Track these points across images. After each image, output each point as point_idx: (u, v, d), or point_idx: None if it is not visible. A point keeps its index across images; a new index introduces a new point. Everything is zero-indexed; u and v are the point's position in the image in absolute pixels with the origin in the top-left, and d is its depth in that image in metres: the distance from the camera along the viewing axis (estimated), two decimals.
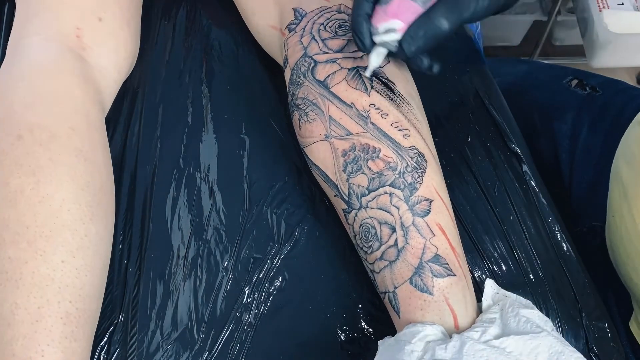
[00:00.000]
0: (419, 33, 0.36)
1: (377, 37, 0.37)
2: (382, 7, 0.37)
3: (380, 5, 0.37)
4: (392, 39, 0.37)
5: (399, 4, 0.36)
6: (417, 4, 0.36)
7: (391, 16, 0.36)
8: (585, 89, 0.65)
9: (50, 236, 0.36)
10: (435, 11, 0.36)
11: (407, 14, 0.36)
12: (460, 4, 0.35)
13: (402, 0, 0.36)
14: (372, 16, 0.37)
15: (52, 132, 0.39)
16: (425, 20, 0.36)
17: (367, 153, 0.39)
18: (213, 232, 0.46)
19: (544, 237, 0.47)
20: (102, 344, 0.41)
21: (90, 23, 0.46)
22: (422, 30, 0.36)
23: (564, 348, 0.33)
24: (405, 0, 0.36)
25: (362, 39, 0.38)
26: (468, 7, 0.35)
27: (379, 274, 0.39)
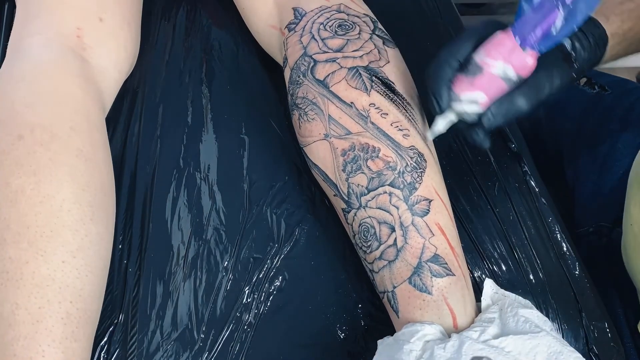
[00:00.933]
0: (500, 111, 0.37)
1: (458, 104, 0.38)
2: (469, 77, 0.38)
3: (467, 76, 0.38)
4: (473, 111, 0.38)
5: (488, 79, 0.37)
6: (504, 82, 0.37)
7: (477, 88, 0.37)
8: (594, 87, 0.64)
9: (51, 236, 0.36)
10: (518, 92, 0.37)
11: (492, 89, 0.37)
12: (539, 86, 0.38)
13: (492, 75, 0.37)
14: (454, 83, 0.38)
15: (53, 132, 0.39)
16: (508, 100, 0.37)
17: (367, 152, 0.39)
18: (213, 232, 0.46)
19: (543, 237, 0.47)
20: (102, 344, 0.41)
21: (91, 23, 0.46)
22: (504, 109, 0.37)
23: (563, 348, 0.33)
24: (494, 76, 0.37)
25: (440, 102, 0.38)
26: (544, 88, 0.38)
27: (378, 274, 0.39)
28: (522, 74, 0.37)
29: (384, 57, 0.43)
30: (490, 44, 0.38)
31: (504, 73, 0.37)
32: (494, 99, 0.38)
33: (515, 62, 0.37)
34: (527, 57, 0.37)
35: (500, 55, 0.37)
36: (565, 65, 0.39)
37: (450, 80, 0.38)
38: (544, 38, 0.36)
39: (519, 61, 0.37)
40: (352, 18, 0.44)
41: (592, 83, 0.65)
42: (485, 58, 0.37)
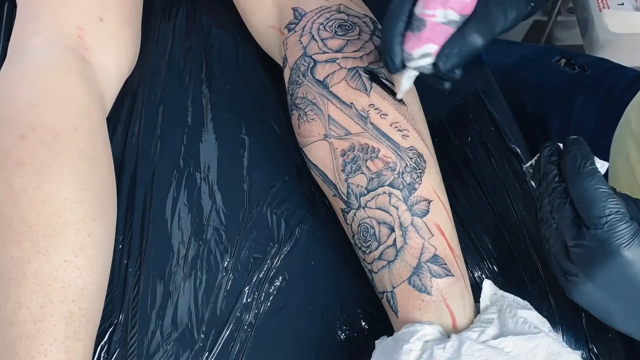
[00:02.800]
0: (453, 51, 0.36)
1: (412, 62, 0.38)
2: (415, 33, 0.37)
3: (413, 32, 0.37)
4: (427, 63, 0.37)
5: (432, 29, 0.36)
6: (450, 26, 0.37)
7: (425, 41, 0.37)
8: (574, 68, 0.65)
9: (53, 236, 0.37)
10: (468, 29, 0.36)
11: (441, 37, 0.37)
12: (492, 20, 0.36)
13: (435, 24, 0.36)
14: (404, 42, 0.38)
15: (55, 131, 0.39)
16: (459, 38, 0.36)
17: (366, 153, 0.40)
18: (213, 232, 0.46)
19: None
20: (102, 344, 0.41)
21: (92, 23, 0.47)
22: (457, 48, 0.36)
23: (562, 349, 0.33)
24: (438, 25, 0.36)
25: (394, 59, 0.38)
26: (498, 21, 0.36)
27: (377, 274, 0.39)
28: (465, 12, 0.36)
29: None
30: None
31: (446, 18, 0.36)
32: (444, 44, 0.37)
33: (454, 4, 0.36)
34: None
35: (438, 2, 0.36)
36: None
37: (401, 35, 0.37)
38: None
39: (458, 2, 0.36)
40: (352, 18, 0.44)
41: (572, 64, 0.65)
42: (424, 10, 0.36)
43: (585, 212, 0.34)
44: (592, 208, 0.33)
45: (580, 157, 0.35)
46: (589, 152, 0.36)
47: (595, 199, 0.33)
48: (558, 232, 0.36)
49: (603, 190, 0.34)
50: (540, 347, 0.33)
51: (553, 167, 0.37)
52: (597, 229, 0.33)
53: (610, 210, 0.33)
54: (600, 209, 0.33)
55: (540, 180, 0.38)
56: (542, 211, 0.37)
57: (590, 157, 0.35)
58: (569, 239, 0.35)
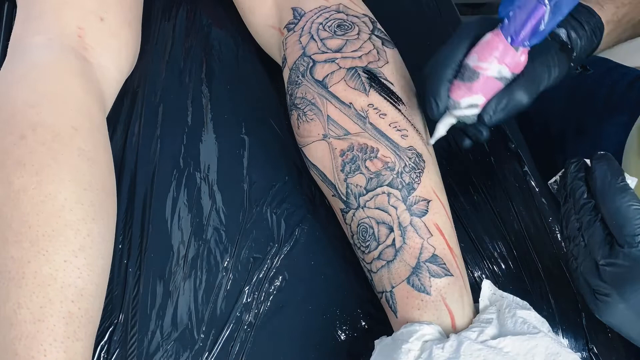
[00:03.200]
0: (499, 107, 0.37)
1: (458, 110, 0.38)
2: (466, 83, 0.38)
3: (463, 82, 0.38)
4: (473, 114, 0.38)
5: (484, 82, 0.37)
6: (501, 82, 0.38)
7: (475, 93, 0.38)
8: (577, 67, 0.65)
9: (52, 236, 0.37)
10: (516, 87, 0.37)
11: (490, 91, 0.38)
12: (537, 78, 0.38)
13: (488, 78, 0.37)
14: (451, 90, 0.38)
15: (55, 131, 0.39)
16: (507, 95, 0.37)
17: (365, 153, 0.40)
18: (213, 232, 0.46)
19: (543, 237, 0.47)
20: (102, 343, 0.41)
21: (92, 23, 0.47)
22: (504, 104, 0.37)
23: (561, 349, 0.33)
24: (490, 78, 0.37)
25: (439, 104, 0.38)
26: (542, 79, 0.38)
27: (376, 274, 0.39)
28: (516, 71, 0.38)
29: (383, 58, 0.43)
30: (481, 47, 0.38)
31: (499, 73, 0.37)
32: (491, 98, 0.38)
33: (509, 62, 0.37)
34: (520, 55, 0.37)
35: (494, 57, 0.37)
36: (562, 54, 0.39)
37: (449, 82, 0.38)
38: (533, 34, 0.36)
39: (512, 60, 0.37)
40: (351, 18, 0.44)
41: None
42: (479, 62, 0.37)
43: (618, 230, 0.33)
44: (626, 226, 0.33)
45: (611, 174, 0.35)
46: (618, 168, 0.35)
47: (629, 217, 0.33)
48: (587, 250, 0.35)
49: (636, 208, 0.33)
50: (539, 347, 0.33)
51: (581, 184, 0.36)
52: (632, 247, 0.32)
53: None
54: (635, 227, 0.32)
55: (566, 197, 0.38)
56: (570, 228, 0.37)
57: (621, 172, 0.35)
58: (601, 257, 0.34)
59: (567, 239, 0.37)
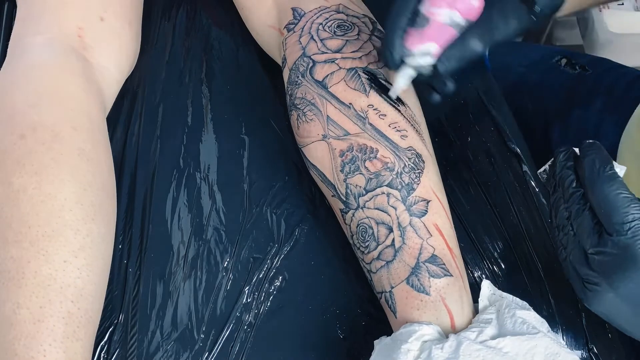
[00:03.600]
0: (454, 54, 0.36)
1: (412, 59, 0.37)
2: (418, 30, 0.37)
3: (416, 28, 0.37)
4: (427, 63, 0.37)
5: (436, 28, 0.36)
6: (454, 28, 0.37)
7: (427, 39, 0.37)
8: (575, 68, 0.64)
9: (52, 236, 0.37)
10: (470, 34, 0.36)
11: (443, 38, 0.37)
12: (493, 27, 0.36)
13: (440, 24, 0.36)
14: (406, 38, 0.37)
15: (54, 131, 0.39)
16: (461, 42, 0.36)
17: (365, 153, 0.40)
18: (213, 232, 0.46)
19: (543, 237, 0.47)
20: (102, 344, 0.41)
21: (92, 23, 0.47)
22: (458, 51, 0.36)
23: (560, 349, 0.33)
24: (442, 25, 0.36)
25: (394, 53, 0.37)
26: (499, 29, 0.37)
27: (375, 274, 0.39)
28: (470, 17, 0.36)
29: None
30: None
31: (451, 19, 0.36)
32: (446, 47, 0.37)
33: (460, 7, 0.36)
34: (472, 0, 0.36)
35: (444, 2, 0.36)
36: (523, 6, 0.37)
37: (403, 30, 0.37)
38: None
39: (464, 5, 0.36)
40: (351, 19, 0.44)
41: (573, 63, 0.65)
42: (430, 7, 0.36)
43: (606, 219, 0.33)
44: (614, 214, 0.32)
45: (599, 162, 0.34)
46: (607, 157, 0.35)
47: (617, 205, 0.32)
48: (576, 239, 0.35)
49: (625, 196, 0.33)
50: (538, 347, 0.33)
51: (570, 172, 0.36)
52: (620, 235, 0.32)
53: (633, 216, 0.32)
54: (623, 215, 0.32)
55: (555, 186, 0.37)
56: (559, 218, 0.36)
57: (609, 161, 0.34)
58: (590, 246, 0.34)
59: (557, 229, 0.37)
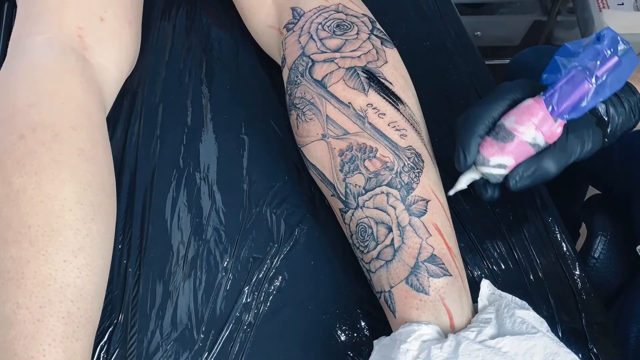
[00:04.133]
0: (527, 173, 0.38)
1: (485, 167, 0.39)
2: (499, 143, 0.38)
3: (497, 141, 0.38)
4: (500, 174, 0.39)
5: (517, 145, 0.38)
6: (533, 148, 0.38)
7: (507, 153, 0.38)
8: None
9: (52, 236, 0.37)
10: (547, 156, 0.38)
11: (520, 154, 0.38)
12: (569, 150, 0.38)
13: (522, 142, 0.38)
14: (483, 146, 0.39)
15: (54, 131, 0.39)
16: (536, 162, 0.38)
17: (364, 153, 0.40)
18: (213, 232, 0.46)
19: (543, 237, 0.47)
20: (102, 343, 0.41)
21: (92, 23, 0.47)
22: (531, 171, 0.38)
23: (559, 349, 0.33)
24: (524, 143, 0.38)
25: (468, 157, 0.39)
26: (574, 152, 0.38)
27: (375, 274, 0.39)
28: (550, 141, 0.38)
29: (382, 58, 0.43)
30: (521, 110, 0.38)
31: (534, 140, 0.38)
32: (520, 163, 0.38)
33: (545, 130, 0.38)
34: (557, 127, 0.38)
35: (532, 122, 0.37)
36: (598, 129, 0.39)
37: (480, 137, 0.39)
38: (573, 108, 0.37)
39: (549, 130, 0.38)
40: (351, 18, 0.44)
41: None
42: (517, 125, 0.38)
43: None
44: None
45: None
46: None
47: None
48: None
49: None
50: (537, 347, 0.33)
51: None
52: None
53: None
54: None
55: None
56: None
57: None
58: None
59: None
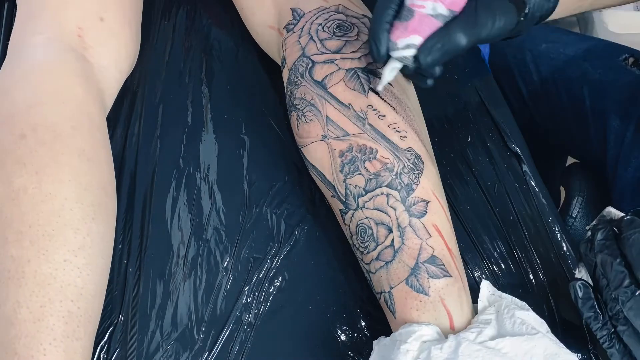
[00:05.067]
0: (436, 46, 0.36)
1: (396, 52, 0.37)
2: (402, 23, 0.37)
3: (400, 21, 0.37)
4: (410, 54, 0.37)
5: (420, 20, 0.36)
6: (437, 20, 0.36)
7: (411, 32, 0.36)
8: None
9: (52, 235, 0.37)
10: (454, 26, 0.36)
11: (427, 29, 0.36)
12: (479, 23, 0.36)
13: (423, 16, 0.36)
14: (391, 31, 0.37)
15: (55, 131, 0.39)
16: (444, 34, 0.36)
17: (364, 154, 0.40)
18: (213, 232, 0.46)
19: (543, 237, 0.47)
20: (102, 343, 0.41)
21: (92, 23, 0.47)
22: (440, 43, 0.36)
23: (559, 350, 0.33)
24: (426, 17, 0.36)
25: (379, 47, 0.37)
26: (485, 25, 0.36)
27: (375, 274, 0.39)
28: (454, 8, 0.36)
29: None
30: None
31: (435, 11, 0.36)
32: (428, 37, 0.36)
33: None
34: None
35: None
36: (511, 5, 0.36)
37: (389, 23, 0.37)
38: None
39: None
40: (351, 19, 0.44)
41: None
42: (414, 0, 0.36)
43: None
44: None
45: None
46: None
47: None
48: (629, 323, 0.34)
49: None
50: (537, 348, 0.33)
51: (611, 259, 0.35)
52: None
53: None
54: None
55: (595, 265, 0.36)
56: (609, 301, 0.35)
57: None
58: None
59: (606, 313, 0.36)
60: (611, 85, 0.61)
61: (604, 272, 0.36)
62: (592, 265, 0.37)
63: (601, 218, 0.38)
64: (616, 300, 0.35)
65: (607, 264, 0.35)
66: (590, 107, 0.61)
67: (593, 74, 0.62)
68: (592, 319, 0.36)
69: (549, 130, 0.67)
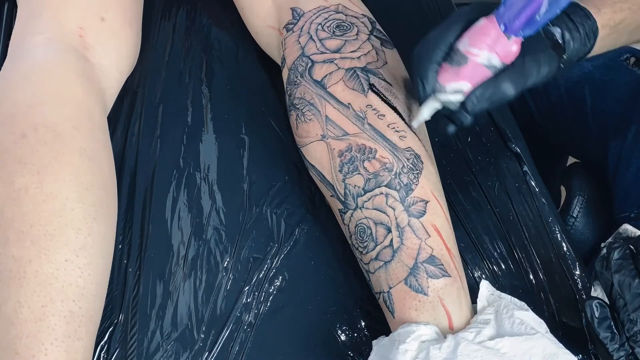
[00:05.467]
0: (484, 96, 0.37)
1: (443, 94, 0.38)
2: (454, 67, 0.37)
3: (452, 65, 0.37)
4: (457, 100, 0.38)
5: (473, 68, 0.37)
6: (489, 70, 0.37)
7: (462, 78, 0.37)
8: None
9: (54, 235, 0.37)
10: (503, 77, 0.37)
11: (477, 78, 0.37)
12: (526, 73, 0.37)
13: (477, 64, 0.37)
14: (439, 72, 0.38)
15: (56, 131, 0.39)
16: (493, 84, 0.37)
17: (364, 154, 0.40)
18: (213, 232, 0.46)
19: (543, 237, 0.47)
20: (102, 343, 0.41)
21: (93, 23, 0.47)
22: (489, 93, 0.37)
23: (558, 350, 0.33)
24: (479, 65, 0.37)
25: (426, 86, 0.38)
26: (531, 74, 0.37)
27: (374, 274, 0.39)
28: (507, 61, 0.37)
29: (382, 58, 0.43)
30: (474, 32, 0.37)
31: (489, 62, 0.37)
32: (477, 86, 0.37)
33: (500, 51, 0.36)
34: (512, 45, 0.36)
35: (485, 44, 0.36)
36: (554, 53, 0.38)
37: (438, 64, 0.37)
38: (527, 24, 0.35)
39: (504, 49, 0.36)
40: (350, 19, 0.44)
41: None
42: (470, 47, 0.37)
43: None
44: None
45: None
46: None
47: None
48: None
49: None
50: (536, 348, 0.33)
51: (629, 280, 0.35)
52: None
53: None
54: None
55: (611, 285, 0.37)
56: None
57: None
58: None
59: None
60: (612, 84, 0.61)
61: (621, 293, 0.36)
62: (609, 284, 0.37)
63: (617, 235, 0.38)
64: (635, 322, 0.35)
65: (624, 284, 0.36)
66: (591, 107, 0.61)
67: (594, 73, 0.63)
68: (609, 339, 0.36)
69: (549, 130, 0.67)
